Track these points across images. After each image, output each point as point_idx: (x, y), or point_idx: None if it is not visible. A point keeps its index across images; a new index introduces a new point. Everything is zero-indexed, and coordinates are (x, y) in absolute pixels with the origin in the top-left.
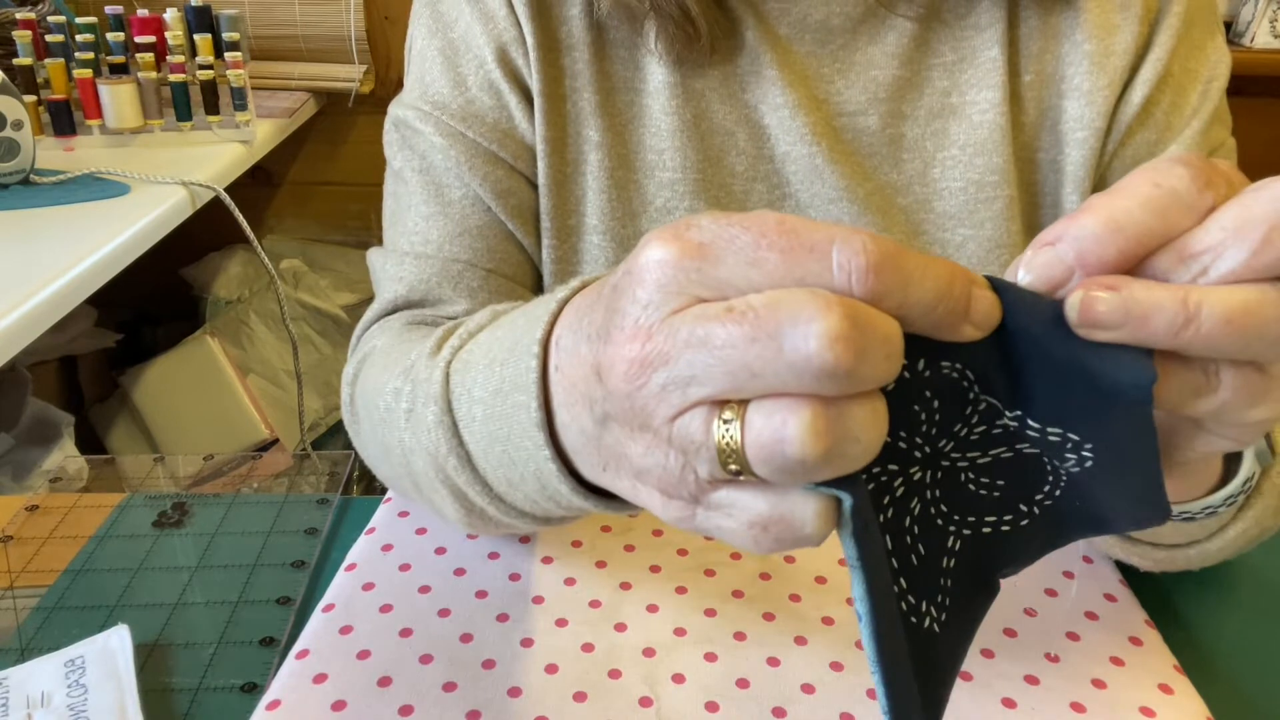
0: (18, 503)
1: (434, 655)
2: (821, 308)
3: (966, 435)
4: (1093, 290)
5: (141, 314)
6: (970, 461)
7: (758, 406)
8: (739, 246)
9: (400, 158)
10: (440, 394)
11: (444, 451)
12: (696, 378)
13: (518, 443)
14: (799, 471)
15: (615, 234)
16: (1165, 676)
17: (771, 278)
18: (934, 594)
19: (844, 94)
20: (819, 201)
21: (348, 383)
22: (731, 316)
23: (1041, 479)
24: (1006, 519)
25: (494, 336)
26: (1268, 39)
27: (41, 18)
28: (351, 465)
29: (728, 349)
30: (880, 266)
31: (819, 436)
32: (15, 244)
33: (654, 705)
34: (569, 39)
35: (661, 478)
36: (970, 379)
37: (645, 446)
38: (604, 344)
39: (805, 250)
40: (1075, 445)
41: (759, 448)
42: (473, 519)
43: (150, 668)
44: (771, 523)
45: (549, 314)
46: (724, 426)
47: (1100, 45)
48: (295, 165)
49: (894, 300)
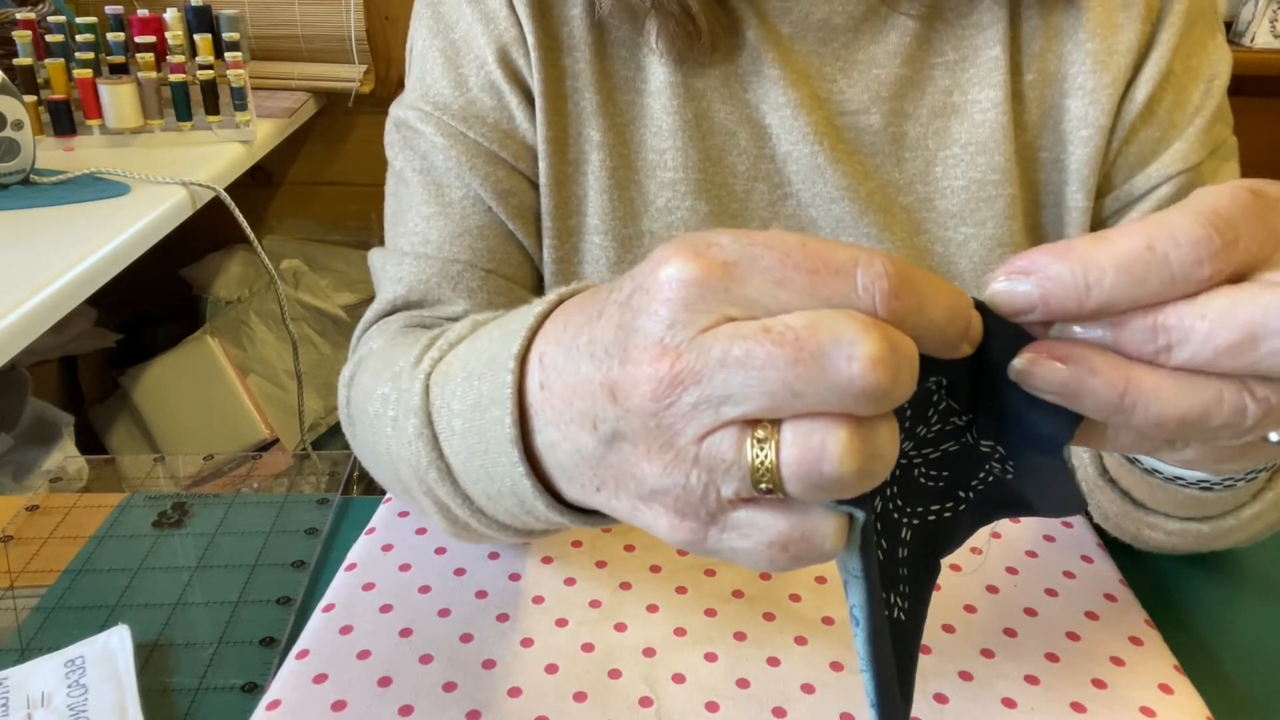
0: (18, 503)
1: (434, 655)
2: (861, 330)
3: (925, 434)
4: (1040, 358)
5: (141, 314)
6: (924, 457)
7: (794, 426)
8: (765, 266)
9: (401, 158)
10: (420, 406)
11: (425, 464)
12: (732, 397)
13: (494, 458)
14: (833, 489)
15: (616, 234)
16: (1165, 676)
17: (798, 297)
18: (896, 584)
19: (846, 93)
20: (821, 201)
21: (344, 384)
22: (770, 337)
23: (979, 468)
24: (948, 506)
25: (472, 349)
26: (1268, 39)
27: (41, 18)
28: (351, 465)
29: (769, 370)
30: (900, 289)
31: (855, 455)
32: (15, 244)
33: (654, 705)
34: (570, 39)
35: (679, 498)
36: (943, 385)
37: (664, 466)
38: (621, 363)
39: (831, 272)
40: (1002, 459)
41: (797, 466)
42: (457, 530)
43: (150, 668)
44: (792, 541)
45: (526, 329)
46: (757, 445)
47: (1103, 44)
48: (295, 165)
49: (911, 322)
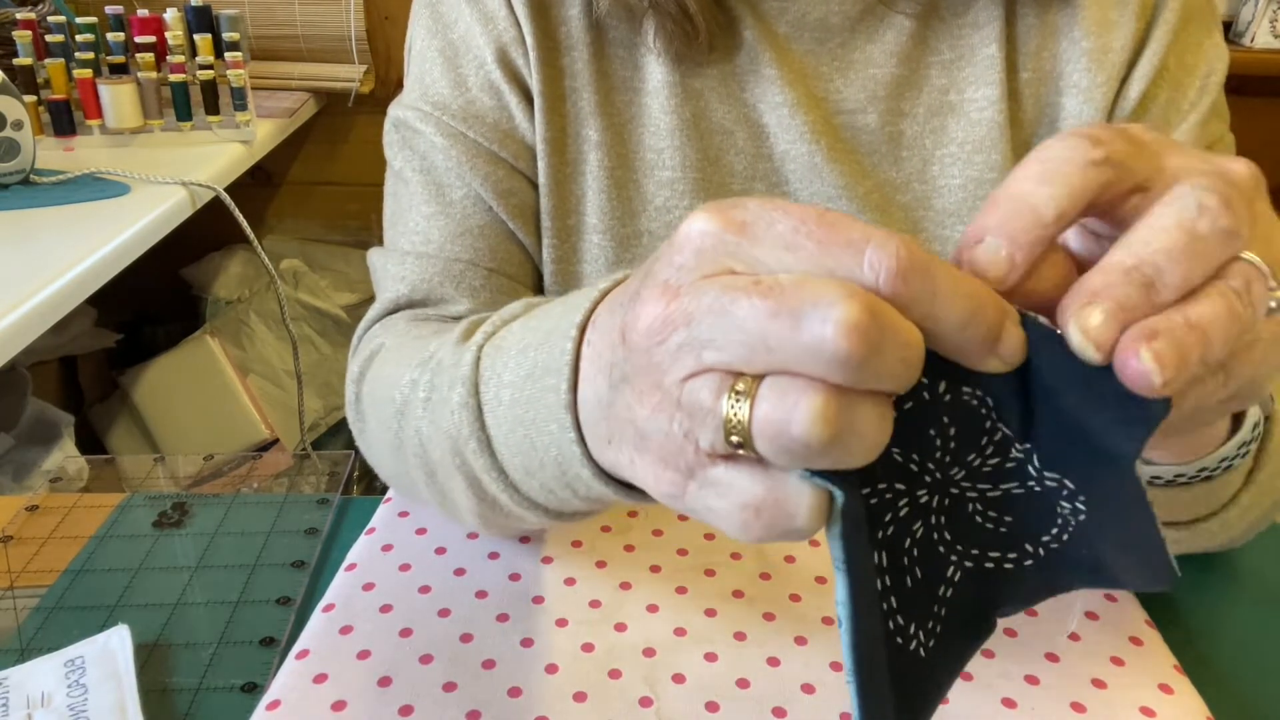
0: (18, 503)
1: (434, 655)
2: (844, 295)
3: (979, 465)
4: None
5: (141, 314)
6: (980, 493)
7: (772, 383)
8: (779, 230)
9: (401, 158)
10: (469, 376)
11: (465, 434)
12: (714, 342)
13: (542, 426)
14: (801, 453)
15: (615, 233)
16: (1165, 676)
17: (803, 263)
18: (925, 620)
19: (843, 92)
20: (818, 200)
21: (353, 381)
22: (758, 289)
23: (1050, 521)
24: (1010, 556)
25: (528, 325)
26: (1268, 39)
27: (41, 18)
28: (351, 465)
29: (748, 320)
30: (909, 272)
31: (826, 422)
32: (15, 244)
33: (654, 705)
34: (568, 39)
35: (662, 445)
36: (989, 406)
37: (652, 408)
38: (632, 304)
39: (841, 244)
40: (1070, 494)
41: (766, 423)
42: (484, 508)
43: (150, 668)
44: (765, 507)
45: (590, 301)
46: (734, 398)
47: (1098, 42)
48: (295, 165)
49: (920, 309)
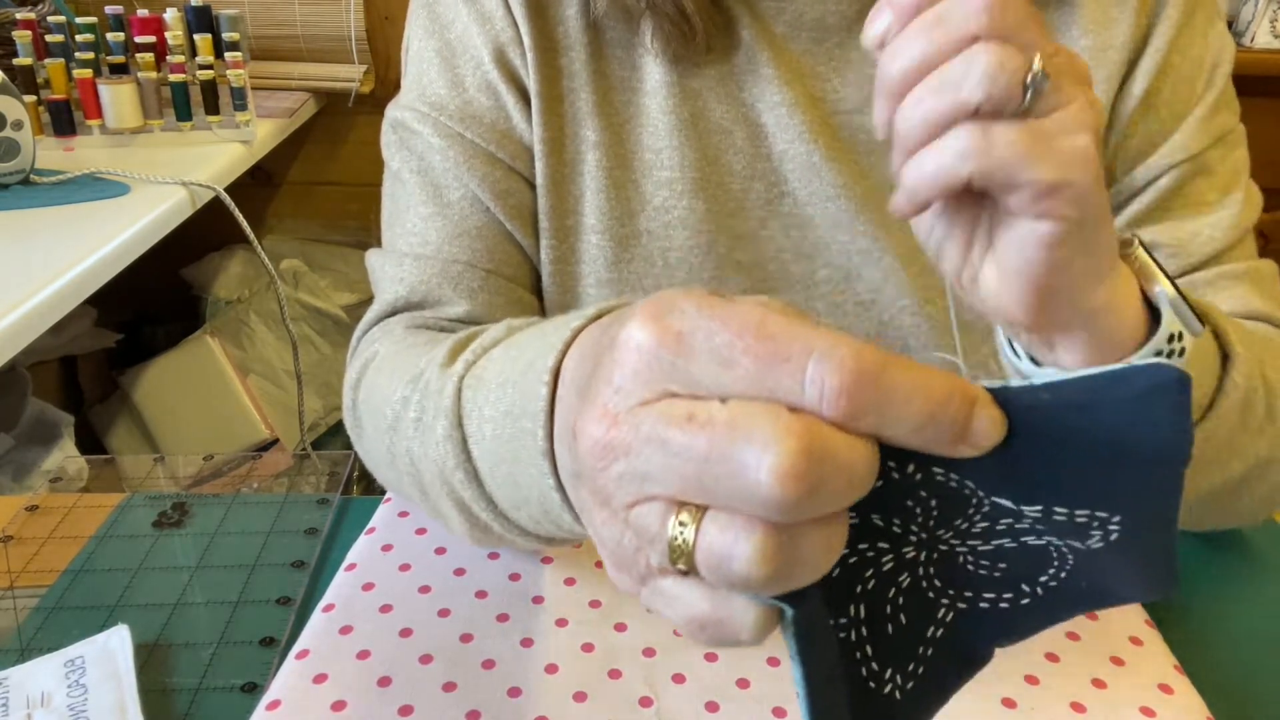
0: (18, 503)
1: (434, 655)
2: (777, 436)
3: (968, 529)
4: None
5: (141, 314)
6: (970, 548)
7: (713, 517)
8: (715, 345)
9: (398, 159)
10: (451, 408)
11: (451, 465)
12: (653, 475)
13: (523, 467)
14: (743, 586)
15: (614, 233)
16: (1165, 676)
17: (741, 384)
18: (906, 662)
19: (840, 91)
20: (817, 199)
21: (350, 387)
22: (692, 425)
23: (1046, 563)
24: (1006, 596)
25: (508, 355)
26: (1268, 39)
27: (41, 18)
28: (351, 465)
29: (684, 459)
30: (855, 388)
31: (767, 560)
32: (15, 244)
33: (654, 705)
34: (566, 39)
35: (615, 552)
36: (971, 487)
37: (603, 520)
38: (582, 407)
39: (780, 360)
40: (1103, 522)
41: (708, 555)
42: (476, 532)
43: (150, 668)
44: (710, 623)
45: (562, 342)
46: (679, 527)
47: (1097, 40)
48: (295, 165)
49: (869, 421)
